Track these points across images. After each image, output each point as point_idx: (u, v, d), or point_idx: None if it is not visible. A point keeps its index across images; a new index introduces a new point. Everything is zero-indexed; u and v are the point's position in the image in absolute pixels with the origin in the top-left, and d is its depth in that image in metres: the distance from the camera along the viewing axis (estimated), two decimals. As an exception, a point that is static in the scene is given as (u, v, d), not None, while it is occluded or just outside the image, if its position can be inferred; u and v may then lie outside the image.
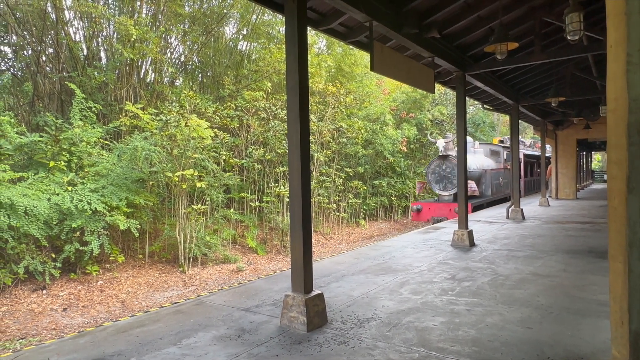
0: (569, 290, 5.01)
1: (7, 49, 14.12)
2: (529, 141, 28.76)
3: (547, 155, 24.44)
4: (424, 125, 21.55)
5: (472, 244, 7.90)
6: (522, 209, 11.68)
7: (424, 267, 6.29)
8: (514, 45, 5.80)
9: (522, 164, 20.23)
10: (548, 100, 10.36)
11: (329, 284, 5.42)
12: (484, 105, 13.14)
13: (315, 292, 4.04)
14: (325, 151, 16.21)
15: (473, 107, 33.13)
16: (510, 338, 3.65)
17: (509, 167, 15.87)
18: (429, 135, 18.14)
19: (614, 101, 1.77)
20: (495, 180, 16.67)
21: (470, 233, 7.91)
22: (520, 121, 14.05)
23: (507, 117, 21.17)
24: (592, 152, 37.18)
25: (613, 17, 1.77)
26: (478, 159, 15.79)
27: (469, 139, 14.44)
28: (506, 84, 10.69)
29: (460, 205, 7.96)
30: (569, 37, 5.40)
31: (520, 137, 23.02)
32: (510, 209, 11.84)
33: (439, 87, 16.95)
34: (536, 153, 23.96)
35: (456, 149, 10.47)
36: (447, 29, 6.70)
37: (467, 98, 9.69)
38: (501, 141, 20.37)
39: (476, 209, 14.12)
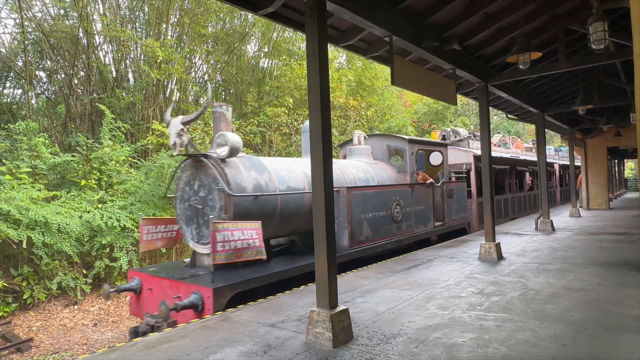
0: (604, 304, 4.82)
1: (42, 74, 14.83)
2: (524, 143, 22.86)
3: (561, 162, 22.65)
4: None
5: (500, 257, 7.71)
6: (551, 220, 11.35)
7: (451, 281, 6.17)
8: (537, 55, 5.73)
9: (511, 174, 14.93)
10: (575, 109, 10.13)
11: (354, 299, 5.37)
12: (508, 115, 12.94)
13: (341, 307, 4.01)
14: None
15: (497, 117, 32.67)
16: (543, 355, 3.52)
17: (428, 181, 9.74)
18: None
19: (643, 111, 1.74)
20: (383, 208, 8.19)
21: (498, 246, 7.72)
22: (547, 130, 13.72)
23: (533, 126, 17.73)
24: (625, 160, 35.90)
25: (638, 26, 1.75)
26: (350, 166, 8.73)
27: (358, 132, 10.04)
28: (531, 93, 10.51)
29: (486, 216, 7.80)
30: (593, 47, 5.30)
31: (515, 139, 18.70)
32: (539, 220, 11.51)
33: (461, 98, 16.79)
34: (529, 158, 18.00)
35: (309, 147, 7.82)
36: (468, 41, 6.68)
37: (490, 108, 9.57)
38: (444, 137, 14.19)
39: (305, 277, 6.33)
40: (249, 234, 5.63)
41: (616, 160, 28.54)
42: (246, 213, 6.08)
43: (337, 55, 20.89)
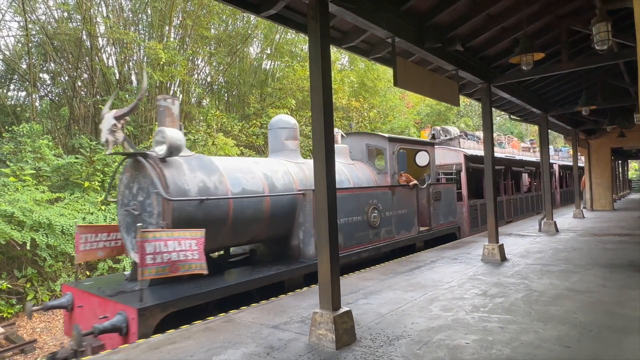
0: (608, 306, 4.79)
1: (45, 76, 14.89)
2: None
3: (560, 163, 22.02)
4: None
5: (504, 258, 7.68)
6: (555, 221, 11.30)
7: (454, 282, 6.15)
8: (540, 56, 5.72)
9: (506, 175, 14.20)
10: (578, 109, 10.10)
11: (357, 301, 5.37)
12: (511, 116, 12.91)
13: (344, 309, 4.01)
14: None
15: (500, 118, 32.62)
16: (547, 357, 3.51)
17: (412, 182, 8.99)
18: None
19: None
20: (358, 213, 7.50)
21: (501, 247, 7.70)
22: (550, 131, 13.66)
23: (536, 127, 17.10)
24: (629, 161, 35.74)
25: (642, 26, 1.74)
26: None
27: (336, 130, 8.86)
28: (534, 93, 10.49)
29: (489, 217, 7.78)
30: (597, 47, 5.28)
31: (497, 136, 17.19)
32: (542, 222, 11.47)
33: (463, 99, 16.71)
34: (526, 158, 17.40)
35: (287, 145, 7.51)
36: (471, 42, 6.67)
37: (493, 109, 9.55)
38: (433, 136, 13.50)
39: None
40: (186, 245, 4.88)
41: (620, 161, 28.41)
42: (189, 220, 5.35)
43: (339, 57, 20.91)
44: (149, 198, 5.40)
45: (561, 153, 25.11)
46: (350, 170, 8.42)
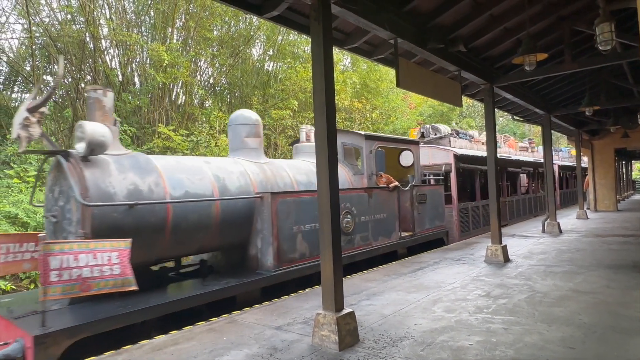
0: (613, 307, 4.77)
1: (49, 78, 14.95)
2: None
3: (563, 163, 21.29)
4: None
5: (507, 259, 7.66)
6: (558, 222, 11.26)
7: (457, 284, 6.14)
8: (543, 56, 5.71)
9: (500, 176, 12.81)
10: (582, 110, 10.07)
11: (360, 302, 5.36)
12: (514, 117, 12.88)
13: (347, 310, 4.01)
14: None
15: (503, 118, 32.56)
16: (551, 359, 3.49)
17: (392, 184, 8.36)
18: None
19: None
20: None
21: (505, 248, 7.68)
22: (553, 131, 13.60)
23: (539, 128, 16.65)
24: (632, 161, 35.57)
25: (646, 26, 1.73)
26: (288, 166, 7.41)
27: (306, 127, 8.99)
28: (537, 94, 10.46)
29: (492, 218, 7.76)
30: (600, 48, 5.27)
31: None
32: (546, 223, 11.43)
33: (466, 100, 16.68)
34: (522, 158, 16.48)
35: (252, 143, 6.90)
36: (473, 42, 6.66)
37: (496, 110, 9.53)
38: (422, 135, 12.74)
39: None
40: (104, 258, 4.12)
41: (624, 162, 28.30)
42: (115, 228, 4.69)
43: (341, 58, 20.92)
44: (68, 203, 4.72)
45: (561, 153, 24.86)
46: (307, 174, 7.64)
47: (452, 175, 11.00)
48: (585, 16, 6.45)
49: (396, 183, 8.53)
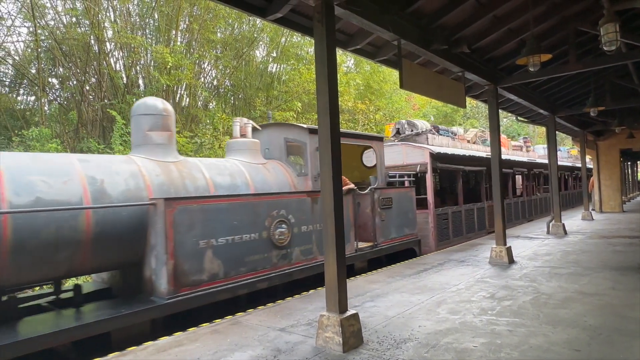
0: (619, 309, 4.73)
1: (54, 81, 15.06)
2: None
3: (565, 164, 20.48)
4: None
5: (512, 261, 7.62)
6: (563, 224, 11.20)
7: (462, 285, 6.12)
8: (547, 57, 5.69)
9: (489, 177, 11.72)
10: (587, 110, 10.03)
11: (364, 303, 5.35)
12: (518, 118, 12.83)
13: (350, 311, 4.00)
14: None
15: (507, 119, 32.45)
16: (556, 361, 3.47)
17: (346, 187, 7.17)
18: None
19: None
20: (254, 228, 5.72)
21: (509, 249, 7.64)
22: (557, 132, 13.53)
23: (544, 129, 16.21)
24: (638, 162, 35.33)
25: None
26: (206, 166, 6.14)
27: (241, 120, 7.24)
28: (541, 95, 10.42)
29: (497, 220, 7.73)
30: (605, 48, 5.24)
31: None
32: (550, 224, 11.37)
33: (470, 101, 16.51)
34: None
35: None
36: (477, 43, 6.65)
37: (500, 111, 9.49)
38: (398, 131, 11.45)
39: None
40: None
41: (629, 162, 28.12)
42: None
43: (345, 59, 20.94)
44: None
45: (560, 153, 24.46)
46: (254, 172, 6.52)
47: (428, 177, 9.90)
48: (589, 16, 6.43)
49: (351, 185, 7.43)
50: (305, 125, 7.27)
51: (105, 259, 4.90)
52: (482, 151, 13.45)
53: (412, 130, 11.22)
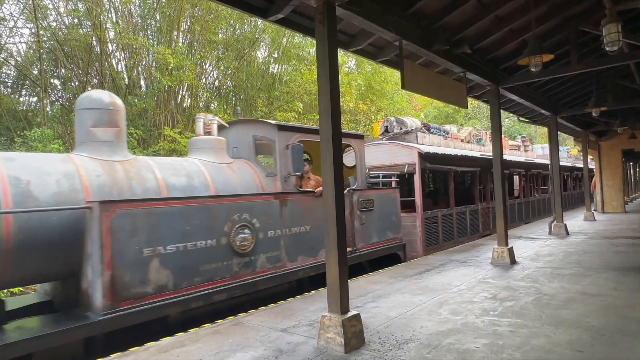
0: (621, 310, 4.72)
1: (56, 81, 15.09)
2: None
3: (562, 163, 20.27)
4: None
5: (513, 261, 7.61)
6: (565, 224, 11.18)
7: (463, 286, 6.11)
8: (549, 57, 5.68)
9: (483, 178, 11.80)
10: (588, 111, 10.01)
11: (366, 304, 5.35)
12: (520, 118, 12.81)
13: (352, 312, 4.00)
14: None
15: (508, 120, 32.41)
16: (558, 362, 3.46)
17: (318, 189, 6.57)
18: None
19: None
20: (211, 234, 5.16)
21: (511, 250, 7.63)
22: (559, 132, 13.50)
23: (545, 129, 16.02)
24: (640, 162, 35.23)
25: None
26: (159, 166, 5.55)
27: (206, 116, 6.73)
28: (543, 95, 10.41)
29: (498, 221, 7.72)
30: (607, 48, 5.23)
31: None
32: (552, 224, 11.35)
33: (471, 101, 16.50)
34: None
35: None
36: (479, 44, 6.65)
37: (501, 111, 9.48)
38: (386, 129, 11.09)
39: None
40: None
41: (631, 163, 28.04)
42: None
43: (346, 60, 20.95)
44: None
45: (560, 153, 24.24)
46: (215, 172, 5.98)
47: (416, 177, 9.37)
48: (591, 17, 6.42)
49: (318, 182, 6.87)
50: (274, 122, 6.65)
51: (33, 270, 4.32)
52: (477, 151, 12.95)
53: (401, 129, 10.78)
